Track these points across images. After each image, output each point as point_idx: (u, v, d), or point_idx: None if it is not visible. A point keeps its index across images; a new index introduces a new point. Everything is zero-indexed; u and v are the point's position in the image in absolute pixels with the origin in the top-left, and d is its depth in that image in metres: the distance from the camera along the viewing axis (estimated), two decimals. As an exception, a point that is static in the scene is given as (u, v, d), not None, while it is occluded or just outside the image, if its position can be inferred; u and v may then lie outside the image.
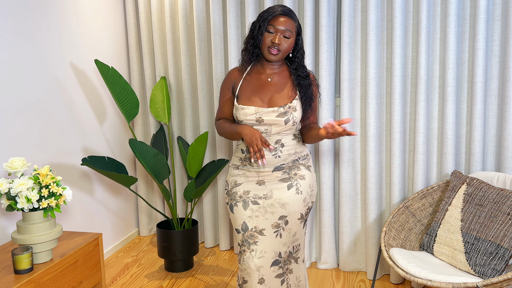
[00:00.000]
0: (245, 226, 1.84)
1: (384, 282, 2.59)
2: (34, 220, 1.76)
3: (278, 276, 1.86)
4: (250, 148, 1.73)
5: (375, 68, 2.44)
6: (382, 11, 2.46)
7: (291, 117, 1.79)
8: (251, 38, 1.82)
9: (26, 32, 2.24)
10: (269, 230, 1.83)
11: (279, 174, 1.84)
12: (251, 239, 1.83)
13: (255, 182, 1.85)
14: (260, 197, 1.84)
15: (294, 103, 1.81)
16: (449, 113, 2.35)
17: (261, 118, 1.78)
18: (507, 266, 1.99)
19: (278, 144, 1.82)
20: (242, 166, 1.89)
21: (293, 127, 1.83)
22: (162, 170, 2.60)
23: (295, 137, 1.86)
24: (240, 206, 1.85)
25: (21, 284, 1.63)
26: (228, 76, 1.94)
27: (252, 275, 1.82)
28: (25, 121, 2.24)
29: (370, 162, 2.52)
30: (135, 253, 3.04)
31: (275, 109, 1.78)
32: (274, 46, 1.75)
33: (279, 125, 1.79)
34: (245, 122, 1.81)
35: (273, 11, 1.76)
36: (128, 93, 2.61)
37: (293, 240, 1.87)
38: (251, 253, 1.82)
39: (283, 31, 1.75)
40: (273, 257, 1.84)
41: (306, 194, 1.85)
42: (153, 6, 2.95)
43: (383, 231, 2.27)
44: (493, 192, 2.09)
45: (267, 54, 1.78)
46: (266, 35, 1.77)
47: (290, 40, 1.78)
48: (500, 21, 2.27)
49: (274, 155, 1.82)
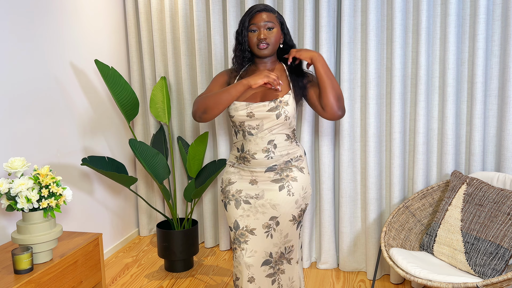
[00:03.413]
0: (237, 224, 1.85)
1: (384, 282, 2.59)
2: (34, 220, 1.76)
3: (269, 276, 1.86)
4: (267, 79, 1.69)
5: (375, 68, 2.44)
6: (382, 11, 2.46)
7: (282, 111, 1.76)
8: (238, 44, 1.85)
9: (26, 32, 2.24)
10: (259, 230, 1.83)
11: (271, 175, 1.82)
12: (242, 238, 1.84)
13: (248, 181, 1.85)
14: (252, 196, 1.84)
15: (286, 97, 1.78)
16: (449, 113, 2.35)
17: (251, 112, 1.77)
18: (507, 266, 1.99)
19: (270, 144, 1.80)
20: (237, 164, 1.89)
21: (285, 123, 1.79)
22: (162, 170, 2.60)
23: (288, 138, 1.84)
24: (233, 205, 1.87)
25: (21, 284, 1.63)
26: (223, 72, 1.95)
27: (243, 273, 1.83)
28: (25, 121, 2.24)
29: (370, 162, 2.52)
30: (135, 253, 3.04)
31: (266, 103, 1.76)
32: (261, 41, 1.77)
33: (271, 119, 1.77)
34: (236, 117, 1.80)
35: (249, 12, 1.80)
36: (128, 93, 2.61)
37: (285, 241, 1.85)
38: (242, 251, 1.83)
39: (265, 25, 1.77)
40: (264, 257, 1.84)
41: (298, 196, 1.83)
42: (153, 6, 2.95)
43: (383, 231, 2.27)
44: (493, 192, 2.09)
45: (257, 51, 1.80)
46: (251, 35, 1.79)
47: (275, 30, 1.79)
48: (500, 21, 2.27)
49: (266, 156, 1.80)
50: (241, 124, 1.81)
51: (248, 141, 1.82)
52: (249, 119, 1.79)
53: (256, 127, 1.79)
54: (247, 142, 1.82)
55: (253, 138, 1.80)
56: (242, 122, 1.80)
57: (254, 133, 1.80)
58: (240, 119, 1.80)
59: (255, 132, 1.79)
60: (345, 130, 2.55)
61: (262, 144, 1.79)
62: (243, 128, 1.81)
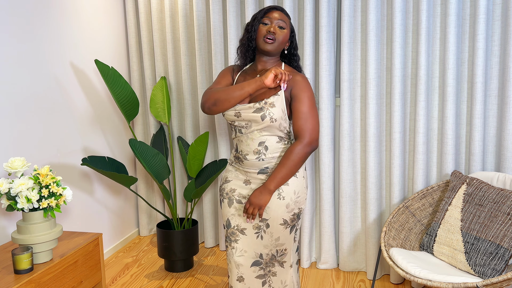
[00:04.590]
0: (229, 223, 1.87)
1: (384, 282, 2.59)
2: (34, 220, 1.76)
3: (259, 277, 1.86)
4: (275, 71, 1.70)
5: (375, 68, 2.44)
6: (382, 11, 2.46)
7: (267, 113, 1.72)
8: (247, 33, 1.84)
9: (26, 32, 2.24)
10: (250, 230, 1.83)
11: (263, 177, 1.81)
12: (233, 237, 1.85)
13: (243, 181, 1.86)
14: (244, 196, 1.84)
15: (272, 99, 1.74)
16: (449, 113, 2.35)
17: (239, 113, 1.77)
18: (507, 266, 1.99)
19: (261, 146, 1.78)
20: (235, 163, 1.90)
21: (272, 125, 1.74)
22: (162, 170, 2.60)
23: (280, 140, 1.80)
24: (226, 203, 1.88)
25: (21, 284, 1.63)
26: (228, 67, 1.95)
27: (232, 271, 1.85)
28: (25, 121, 2.24)
29: (370, 162, 2.52)
30: (135, 253, 3.04)
31: (251, 104, 1.75)
32: (269, 34, 1.76)
33: (257, 122, 1.74)
34: (226, 116, 1.81)
35: (267, 8, 1.81)
36: (128, 93, 2.61)
37: (276, 244, 1.83)
38: (232, 250, 1.85)
39: (278, 22, 1.78)
40: (254, 257, 1.84)
41: (289, 200, 1.79)
42: (153, 6, 2.95)
43: (383, 231, 2.27)
44: (493, 192, 2.09)
45: (262, 43, 1.78)
46: (261, 27, 1.79)
47: (285, 31, 1.79)
48: (500, 21, 2.27)
49: (257, 157, 1.79)
50: (232, 123, 1.83)
51: (240, 141, 1.82)
52: (237, 118, 1.79)
53: (245, 126, 1.79)
54: (239, 142, 1.83)
55: (244, 138, 1.80)
56: (232, 121, 1.81)
57: (243, 131, 1.79)
58: (229, 118, 1.81)
59: (245, 131, 1.79)
60: (345, 130, 2.55)
61: (253, 145, 1.78)
62: (235, 126, 1.83)
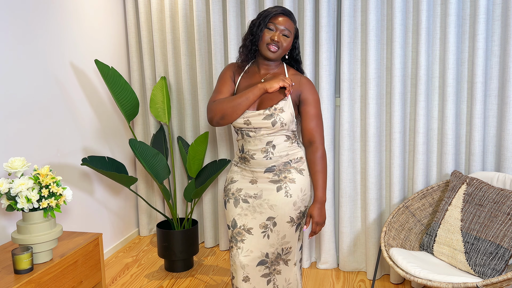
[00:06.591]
0: (234, 223, 1.86)
1: (384, 282, 2.59)
2: (34, 220, 1.76)
3: (264, 276, 1.86)
4: (283, 83, 1.74)
5: (375, 68, 2.44)
6: (382, 11, 2.46)
7: (278, 119, 1.75)
8: (250, 35, 1.82)
9: (26, 33, 2.24)
10: (256, 230, 1.83)
11: (270, 175, 1.82)
12: (239, 237, 1.84)
13: (249, 180, 1.86)
14: (250, 196, 1.84)
15: (281, 104, 1.76)
16: (449, 113, 2.35)
17: (248, 121, 1.78)
18: (507, 266, 1.99)
19: (269, 145, 1.79)
20: (240, 163, 1.90)
21: (283, 128, 1.78)
22: (162, 170, 2.60)
23: (288, 139, 1.82)
24: (232, 203, 1.88)
25: (21, 284, 1.63)
26: (228, 67, 1.93)
27: (238, 272, 1.84)
28: (25, 121, 2.24)
29: (370, 162, 2.52)
30: (135, 253, 3.04)
31: (261, 111, 1.76)
32: (273, 43, 1.75)
33: (268, 128, 1.77)
34: (235, 124, 1.81)
35: (274, 10, 1.78)
36: (128, 93, 2.61)
37: (282, 242, 1.84)
38: (238, 250, 1.84)
39: (283, 30, 1.76)
40: (260, 257, 1.83)
41: (296, 198, 1.81)
42: (153, 6, 2.95)
43: (383, 231, 2.27)
44: (493, 192, 2.09)
45: (265, 50, 1.77)
46: (266, 32, 1.77)
47: (289, 39, 1.78)
48: (500, 21, 2.27)
49: (265, 156, 1.80)
50: (240, 128, 1.83)
51: (248, 142, 1.82)
52: (247, 126, 1.79)
53: (254, 130, 1.80)
54: (246, 142, 1.83)
55: (251, 140, 1.81)
56: (240, 128, 1.82)
57: (252, 135, 1.80)
58: (239, 126, 1.81)
59: (253, 135, 1.80)
60: (345, 130, 2.55)
61: (261, 144, 1.79)
62: (242, 131, 1.83)
